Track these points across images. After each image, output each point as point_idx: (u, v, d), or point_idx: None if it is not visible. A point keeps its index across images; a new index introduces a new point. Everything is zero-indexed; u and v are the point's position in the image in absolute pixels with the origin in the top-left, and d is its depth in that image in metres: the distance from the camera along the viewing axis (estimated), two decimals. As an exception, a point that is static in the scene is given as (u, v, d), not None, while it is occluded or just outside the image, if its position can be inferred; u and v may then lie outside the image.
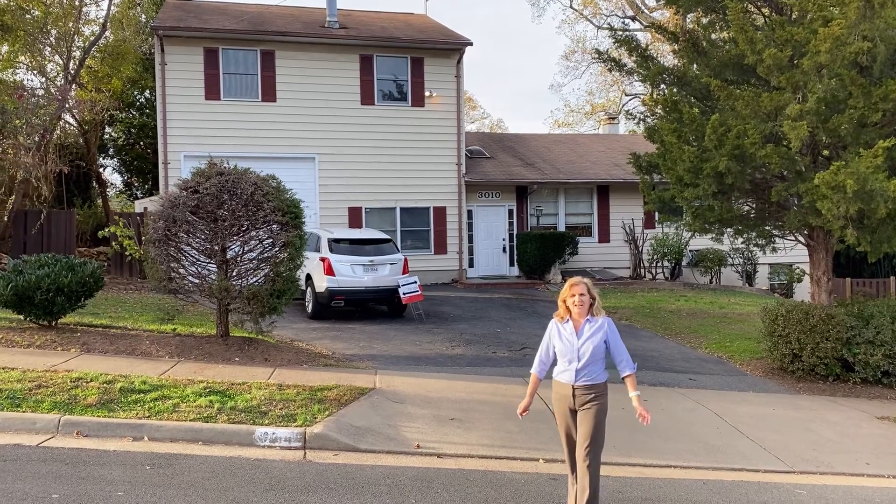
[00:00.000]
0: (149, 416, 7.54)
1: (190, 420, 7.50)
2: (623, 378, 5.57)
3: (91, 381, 8.37)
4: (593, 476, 5.40)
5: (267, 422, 7.59)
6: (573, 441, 5.56)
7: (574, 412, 5.55)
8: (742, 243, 13.59)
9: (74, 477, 6.15)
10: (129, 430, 7.32)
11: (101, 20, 22.49)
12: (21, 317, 10.84)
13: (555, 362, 5.73)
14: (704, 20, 13.18)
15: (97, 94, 22.87)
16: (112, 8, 22.85)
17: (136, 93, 28.15)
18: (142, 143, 28.77)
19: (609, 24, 36.33)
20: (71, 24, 21.20)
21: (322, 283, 14.52)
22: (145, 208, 19.23)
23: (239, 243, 10.47)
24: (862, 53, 9.70)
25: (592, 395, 5.47)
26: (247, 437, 7.34)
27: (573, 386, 5.51)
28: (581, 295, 5.53)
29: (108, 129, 28.76)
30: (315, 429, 7.48)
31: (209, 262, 10.54)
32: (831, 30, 9.47)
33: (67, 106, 20.39)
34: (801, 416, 9.52)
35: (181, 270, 10.54)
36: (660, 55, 25.72)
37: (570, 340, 5.55)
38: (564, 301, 5.62)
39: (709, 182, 11.12)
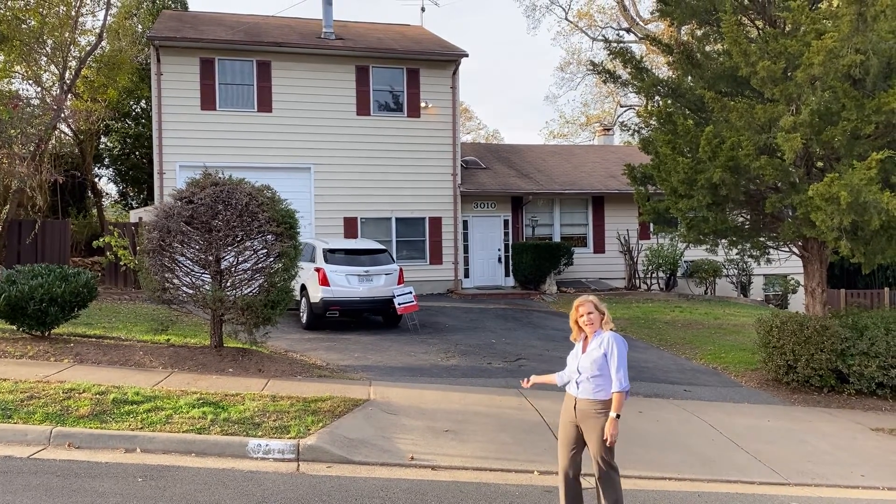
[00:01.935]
0: (141, 428, 7.50)
1: (183, 432, 7.46)
2: (611, 393, 5.47)
3: (83, 392, 8.33)
4: (608, 493, 5.48)
5: (260, 433, 7.55)
6: (566, 453, 5.58)
7: (578, 428, 5.55)
8: (737, 254, 13.60)
9: (66, 489, 6.10)
10: (122, 442, 7.27)
11: (97, 30, 22.50)
12: (14, 327, 10.79)
13: None
14: (699, 32, 13.25)
15: (93, 103, 22.87)
16: (108, 18, 22.89)
17: (131, 103, 28.16)
18: (137, 152, 28.76)
19: (604, 36, 36.58)
20: (67, 34, 21.21)
21: (317, 294, 14.49)
22: (140, 218, 19.19)
23: (233, 254, 10.45)
24: (855, 66, 9.75)
25: (594, 411, 5.45)
26: (240, 449, 7.30)
27: (575, 398, 5.56)
28: (589, 314, 5.57)
29: (103, 139, 28.74)
30: (309, 440, 7.44)
31: (203, 273, 10.52)
32: (824, 42, 9.53)
33: (63, 116, 20.38)
34: (796, 428, 9.51)
35: (175, 281, 10.52)
36: (654, 67, 25.89)
37: (576, 356, 5.65)
38: (576, 322, 5.66)
39: (703, 193, 11.15)
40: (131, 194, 31.05)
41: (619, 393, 5.42)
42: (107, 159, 29.84)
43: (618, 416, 5.40)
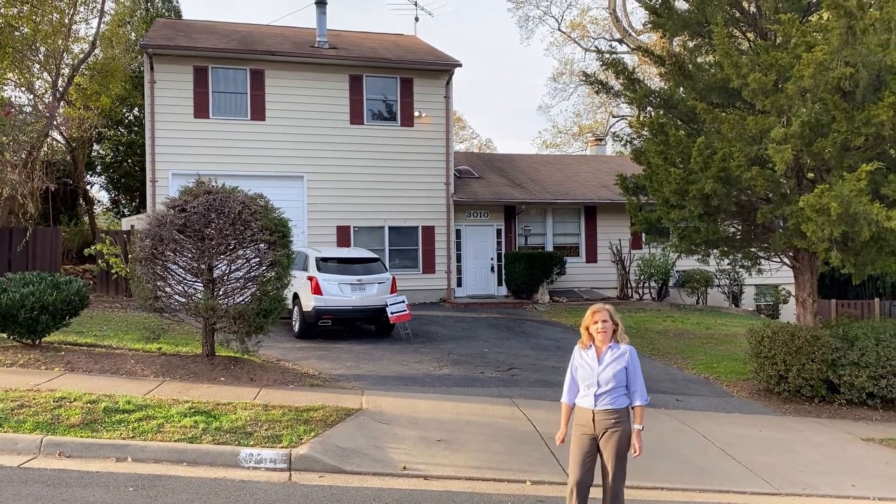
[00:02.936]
0: (133, 437, 7.47)
1: (174, 441, 7.43)
2: (632, 407, 5.57)
3: (74, 400, 8.29)
4: (617, 502, 5.50)
5: (252, 443, 7.53)
6: (582, 465, 5.54)
7: (594, 440, 5.55)
8: (728, 264, 13.67)
9: (56, 499, 6.07)
10: (113, 451, 7.24)
11: (90, 38, 22.52)
12: (4, 335, 10.74)
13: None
14: (690, 44, 13.36)
15: (85, 111, 22.83)
16: (102, 26, 22.89)
17: (124, 110, 28.13)
18: (130, 160, 28.70)
19: (596, 46, 36.76)
20: (60, 42, 21.21)
21: (309, 302, 14.46)
22: (132, 226, 19.15)
23: (226, 262, 10.44)
24: (845, 78, 9.84)
25: (613, 421, 5.49)
26: (232, 459, 7.27)
27: (593, 411, 5.54)
28: (604, 322, 5.56)
29: (95, 147, 28.68)
30: (301, 450, 7.42)
31: (196, 281, 10.50)
32: (814, 55, 9.61)
33: (55, 123, 20.36)
34: (788, 438, 9.54)
35: (167, 289, 10.49)
36: (646, 78, 26.02)
37: (590, 366, 5.59)
38: (587, 328, 5.65)
39: (695, 204, 11.21)
40: (123, 202, 30.99)
41: (642, 406, 5.55)
42: (99, 167, 29.77)
43: (642, 428, 5.54)
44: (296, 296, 14.86)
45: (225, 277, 10.45)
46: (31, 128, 17.98)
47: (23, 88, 22.39)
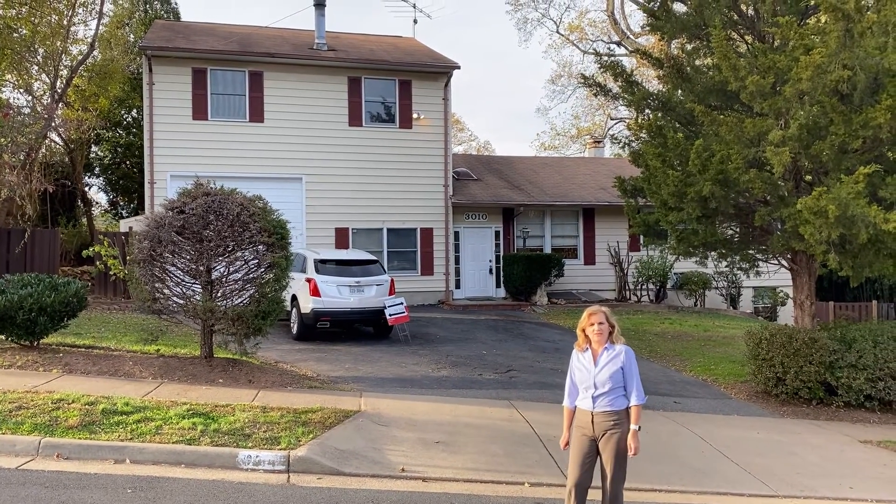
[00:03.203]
0: (131, 439, 7.46)
1: (173, 442, 7.43)
2: (629, 406, 5.57)
3: (73, 402, 8.28)
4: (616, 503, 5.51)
5: (250, 444, 7.53)
6: (581, 467, 5.55)
7: (594, 441, 5.56)
8: (726, 267, 13.68)
9: (54, 500, 6.06)
10: (111, 453, 7.24)
11: (89, 39, 22.53)
12: (2, 337, 10.72)
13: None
14: (689, 46, 13.38)
15: (84, 112, 22.85)
16: (100, 27, 22.90)
17: (123, 112, 28.13)
18: (128, 162, 28.70)
19: (595, 49, 36.84)
20: (59, 44, 21.22)
21: (308, 304, 14.47)
22: (130, 228, 19.14)
23: (224, 264, 10.43)
24: (842, 81, 9.87)
25: (612, 423, 5.50)
26: (230, 460, 7.27)
27: (592, 413, 5.55)
28: (600, 324, 5.57)
29: (94, 148, 28.68)
30: (299, 452, 7.42)
31: (194, 283, 10.49)
32: (812, 58, 9.64)
33: (54, 124, 20.35)
34: (785, 440, 9.55)
35: (166, 291, 10.48)
36: (645, 80, 26.05)
37: (587, 369, 5.60)
38: (584, 330, 5.65)
39: (693, 206, 11.23)
40: (122, 203, 30.98)
41: (638, 406, 5.55)
42: (97, 168, 29.77)
43: (639, 428, 5.53)
44: (294, 297, 14.87)
45: (223, 279, 10.45)
46: (30, 129, 17.97)
47: (21, 90, 22.41)
